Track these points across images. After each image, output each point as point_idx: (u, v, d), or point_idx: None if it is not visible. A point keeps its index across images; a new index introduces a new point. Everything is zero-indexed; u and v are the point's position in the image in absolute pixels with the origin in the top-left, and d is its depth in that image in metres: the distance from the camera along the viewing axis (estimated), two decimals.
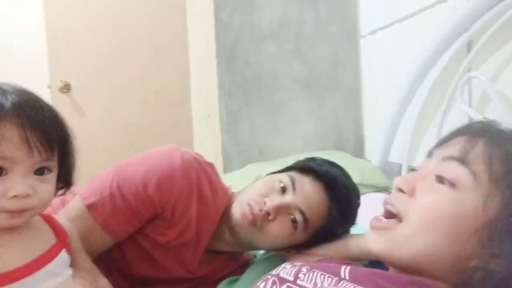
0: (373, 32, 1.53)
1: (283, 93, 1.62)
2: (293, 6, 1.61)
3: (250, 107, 1.61)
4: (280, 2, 1.60)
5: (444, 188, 0.47)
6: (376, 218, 0.52)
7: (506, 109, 0.97)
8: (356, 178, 1.28)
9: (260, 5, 1.59)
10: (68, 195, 0.61)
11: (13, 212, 0.45)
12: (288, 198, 0.69)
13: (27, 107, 0.45)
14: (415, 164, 1.26)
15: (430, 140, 1.15)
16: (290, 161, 0.83)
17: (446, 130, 1.13)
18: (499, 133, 0.49)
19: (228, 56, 1.59)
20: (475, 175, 0.46)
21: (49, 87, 1.95)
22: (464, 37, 1.09)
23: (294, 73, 1.62)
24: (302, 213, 0.68)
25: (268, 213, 0.68)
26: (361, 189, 1.28)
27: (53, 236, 0.53)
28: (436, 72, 1.19)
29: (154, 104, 2.01)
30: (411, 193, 0.49)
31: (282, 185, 0.70)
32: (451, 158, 0.48)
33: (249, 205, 0.69)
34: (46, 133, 0.46)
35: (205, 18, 1.59)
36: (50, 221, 0.55)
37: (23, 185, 0.45)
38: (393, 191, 0.52)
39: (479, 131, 0.49)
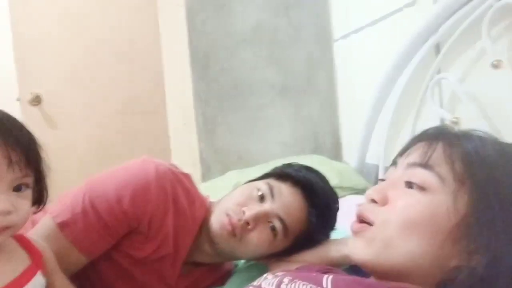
0: (345, 36, 1.55)
1: (260, 99, 1.62)
2: (266, 12, 1.61)
3: (226, 113, 1.60)
4: (253, 9, 1.60)
5: (414, 192, 0.49)
6: (354, 222, 0.53)
7: (475, 109, 0.99)
8: (334, 181, 1.29)
9: (233, 12, 1.59)
10: (38, 213, 0.59)
11: None
12: (267, 206, 0.68)
13: (6, 124, 0.46)
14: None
15: (405, 140, 1.17)
16: (269, 166, 0.83)
17: (420, 130, 1.15)
18: (455, 135, 0.51)
19: (202, 63, 1.58)
20: (440, 177, 0.48)
21: (18, 100, 1.88)
22: (432, 39, 1.12)
23: (269, 78, 1.63)
24: (281, 220, 0.68)
25: (247, 223, 0.67)
26: (339, 192, 1.29)
27: (26, 257, 0.51)
28: (407, 74, 1.21)
29: (129, 114, 1.97)
30: (384, 202, 0.51)
31: (260, 193, 0.70)
32: (414, 164, 0.50)
33: (227, 215, 0.68)
34: (25, 149, 0.47)
35: (178, 25, 1.58)
36: (22, 242, 0.53)
37: (4, 201, 0.44)
38: (365, 202, 0.53)
39: (436, 136, 0.52)
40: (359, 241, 0.51)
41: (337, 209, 0.76)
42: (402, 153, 0.54)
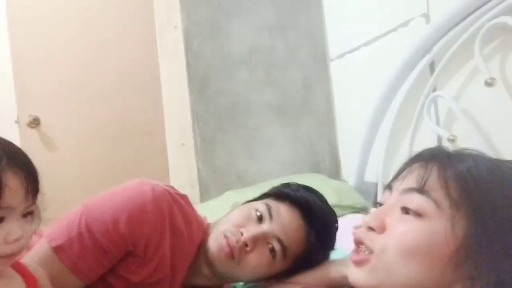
0: (341, 56, 1.58)
1: (257, 119, 1.63)
2: (263, 33, 1.64)
3: (224, 134, 1.60)
4: (249, 30, 1.63)
5: (411, 219, 0.49)
6: (354, 251, 0.53)
7: (471, 126, 1.00)
8: (333, 200, 1.29)
9: (230, 34, 1.61)
10: (34, 237, 0.58)
11: (9, 257, 0.47)
12: (265, 227, 0.68)
13: (22, 157, 0.49)
14: None
15: (403, 157, 1.17)
16: (267, 186, 0.83)
17: (417, 147, 1.16)
18: (448, 156, 0.51)
19: (200, 84, 1.59)
20: (436, 203, 0.48)
21: (16, 122, 1.89)
22: (427, 58, 1.14)
23: (266, 99, 1.64)
24: (280, 241, 0.67)
25: (245, 244, 0.67)
26: (338, 211, 1.28)
27: (22, 283, 0.51)
28: (403, 92, 1.22)
29: (128, 135, 1.97)
30: (381, 229, 0.51)
31: (258, 213, 0.69)
32: (411, 189, 0.50)
33: (225, 236, 0.68)
34: (37, 179, 0.50)
35: (176, 47, 1.60)
36: (18, 267, 0.52)
37: (19, 229, 0.47)
38: (363, 228, 0.53)
39: (430, 158, 0.51)
40: (361, 271, 0.51)
41: (336, 228, 0.75)
42: (396, 177, 0.54)
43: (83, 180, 1.89)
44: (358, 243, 0.52)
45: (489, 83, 0.92)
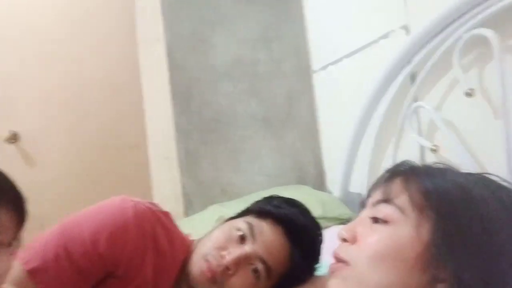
0: (324, 68, 1.59)
1: (242, 131, 1.62)
2: (246, 45, 1.64)
3: (209, 146, 1.59)
4: (233, 42, 1.63)
5: (380, 227, 0.51)
6: (331, 264, 0.55)
7: (452, 136, 1.01)
8: (318, 212, 1.28)
9: (214, 46, 1.61)
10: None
11: None
12: (248, 248, 0.66)
13: (9, 189, 0.48)
14: None
15: (387, 167, 1.18)
16: (252, 199, 0.81)
17: (401, 158, 1.16)
18: (412, 168, 0.55)
19: (183, 97, 1.58)
20: (400, 208, 0.50)
21: None
22: (407, 69, 1.15)
23: (251, 111, 1.63)
24: (263, 261, 0.66)
25: (227, 268, 0.65)
26: (324, 223, 1.27)
27: None
28: (385, 103, 1.23)
29: (109, 149, 1.94)
30: (353, 240, 0.53)
31: (240, 233, 0.68)
32: (378, 201, 0.53)
33: (206, 260, 0.66)
34: (25, 210, 0.49)
35: (159, 60, 1.58)
36: None
37: (5, 263, 0.47)
38: (338, 242, 0.55)
39: (395, 172, 0.55)
40: (335, 281, 0.53)
41: (321, 242, 0.74)
42: (369, 195, 0.57)
43: (64, 196, 1.85)
44: (335, 257, 0.55)
45: (469, 94, 0.93)
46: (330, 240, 0.76)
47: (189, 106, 1.58)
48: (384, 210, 0.51)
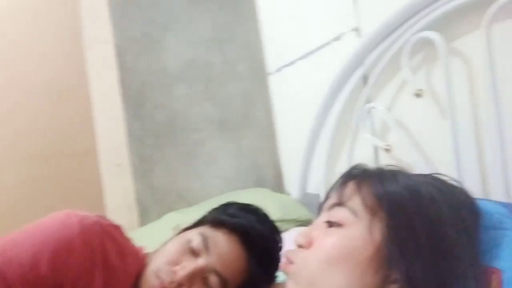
0: (279, 70, 1.59)
1: (198, 135, 1.58)
2: (200, 47, 1.61)
3: (163, 151, 1.53)
4: (186, 44, 1.59)
5: (334, 230, 0.51)
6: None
7: (404, 136, 1.04)
8: (277, 214, 1.27)
9: (165, 48, 1.56)
10: None
11: None
12: (201, 261, 0.63)
13: None
14: None
15: (342, 167, 1.19)
16: (211, 204, 0.79)
17: (356, 158, 1.18)
18: (364, 171, 0.56)
19: (135, 100, 1.52)
20: (352, 210, 0.51)
21: None
22: (359, 71, 1.17)
23: (206, 113, 1.60)
24: (218, 274, 0.63)
25: (180, 284, 0.62)
26: (283, 225, 1.26)
27: None
28: (340, 105, 1.25)
29: (56, 156, 1.83)
30: (309, 245, 0.53)
31: (193, 246, 0.65)
32: (333, 205, 0.54)
33: (158, 277, 0.62)
34: None
35: (107, 63, 1.51)
36: None
37: None
38: (293, 247, 0.55)
39: (348, 176, 0.56)
40: (289, 282, 0.53)
41: (280, 249, 0.73)
42: (325, 200, 0.57)
43: (9, 209, 1.72)
44: (285, 258, 0.56)
45: (418, 94, 0.96)
46: (290, 243, 0.75)
47: (141, 110, 1.52)
48: (338, 214, 0.52)
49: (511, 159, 0.79)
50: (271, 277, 0.71)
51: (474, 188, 0.63)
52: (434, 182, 0.54)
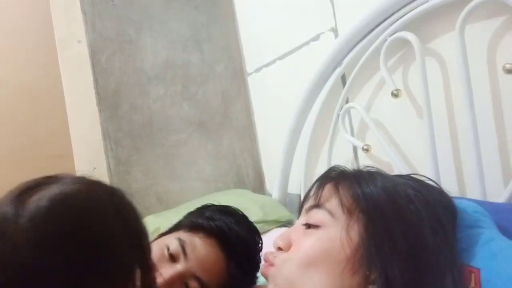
0: (258, 70, 1.58)
1: (176, 136, 1.56)
2: (177, 47, 1.58)
3: (141, 153, 1.50)
4: (163, 44, 1.56)
5: (312, 232, 0.51)
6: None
7: (382, 135, 1.04)
8: (258, 216, 1.26)
9: (141, 48, 1.53)
10: None
11: None
12: (180, 266, 0.62)
13: None
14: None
15: (323, 167, 1.19)
16: (191, 207, 0.78)
17: (335, 158, 1.18)
18: (342, 173, 0.56)
19: (111, 102, 1.48)
20: (330, 212, 0.51)
21: None
22: (338, 71, 1.17)
23: (185, 114, 1.58)
24: (197, 279, 0.62)
25: None
26: (264, 226, 1.25)
27: None
28: (319, 105, 1.25)
29: (31, 161, 1.76)
30: (288, 247, 0.53)
31: (171, 251, 0.63)
32: (310, 207, 0.54)
33: None
34: None
35: (81, 63, 1.46)
36: None
37: None
38: (272, 250, 0.55)
39: (326, 178, 0.56)
40: (269, 285, 0.53)
41: (260, 250, 0.72)
42: (304, 200, 0.58)
43: None
44: (264, 259, 0.56)
45: (395, 94, 0.97)
46: (270, 244, 0.74)
47: (117, 112, 1.48)
48: (316, 215, 0.52)
49: (486, 157, 0.80)
50: (252, 279, 0.70)
51: (450, 187, 0.64)
52: (411, 183, 0.55)
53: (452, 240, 0.51)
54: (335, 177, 0.56)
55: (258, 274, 0.73)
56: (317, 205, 0.53)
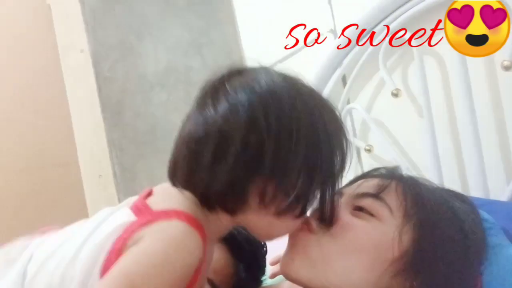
0: None
1: None
2: (178, 53, 1.59)
3: (146, 160, 1.52)
4: (163, 50, 1.57)
5: (364, 215, 0.49)
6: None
7: (383, 136, 1.05)
8: None
9: (143, 55, 1.54)
10: None
11: None
12: None
13: None
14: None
15: None
16: None
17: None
18: (409, 177, 0.55)
19: (115, 109, 1.49)
20: (390, 209, 0.49)
21: None
22: (338, 71, 1.17)
23: None
24: (209, 281, 0.63)
25: None
26: None
27: None
28: None
29: (37, 168, 1.80)
30: (330, 220, 0.49)
31: None
32: (366, 194, 0.51)
33: None
34: None
35: (84, 72, 1.48)
36: None
37: None
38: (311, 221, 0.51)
39: (389, 175, 0.55)
40: (295, 250, 0.49)
41: (265, 253, 0.73)
42: (349, 184, 0.55)
43: None
44: (305, 223, 0.51)
45: (395, 94, 0.97)
46: (274, 248, 0.75)
47: (121, 119, 1.50)
48: (372, 204, 0.50)
49: (487, 154, 0.81)
50: (258, 281, 0.71)
51: (453, 185, 0.65)
52: (461, 198, 0.56)
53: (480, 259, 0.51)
54: (400, 179, 0.54)
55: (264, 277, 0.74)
56: (377, 196, 0.50)
